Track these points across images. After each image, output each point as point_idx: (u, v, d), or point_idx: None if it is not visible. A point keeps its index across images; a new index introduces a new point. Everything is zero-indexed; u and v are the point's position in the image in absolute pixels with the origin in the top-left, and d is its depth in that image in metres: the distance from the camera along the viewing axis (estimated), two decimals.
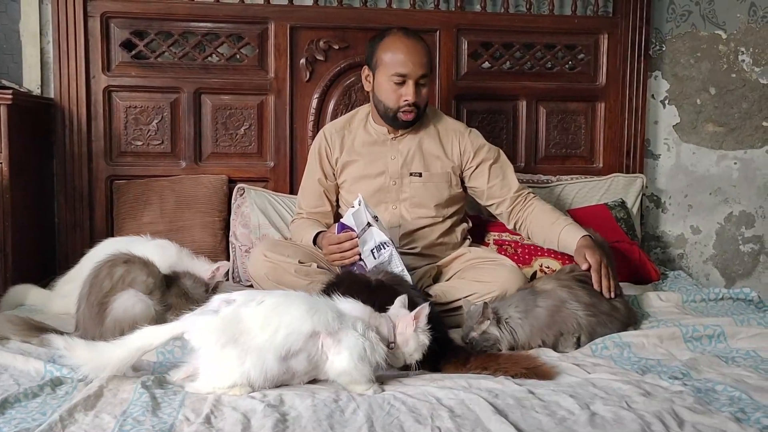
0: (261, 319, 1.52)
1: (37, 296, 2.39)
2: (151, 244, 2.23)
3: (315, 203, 2.53)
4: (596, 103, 3.19)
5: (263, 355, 1.50)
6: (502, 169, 2.48)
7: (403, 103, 2.33)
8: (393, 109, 2.36)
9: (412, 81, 2.31)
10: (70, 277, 2.35)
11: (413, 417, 1.40)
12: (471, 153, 2.46)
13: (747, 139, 3.36)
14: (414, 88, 2.32)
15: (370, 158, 2.46)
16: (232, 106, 2.97)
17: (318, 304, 1.58)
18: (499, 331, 1.88)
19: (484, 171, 2.46)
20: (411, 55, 2.31)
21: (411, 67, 2.30)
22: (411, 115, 2.36)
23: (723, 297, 2.33)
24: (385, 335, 1.60)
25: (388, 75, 2.33)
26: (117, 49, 2.89)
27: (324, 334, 1.53)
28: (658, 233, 3.37)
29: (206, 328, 1.52)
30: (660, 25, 3.26)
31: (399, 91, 2.33)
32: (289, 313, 1.53)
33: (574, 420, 1.39)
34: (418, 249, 2.42)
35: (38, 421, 1.37)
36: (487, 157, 2.46)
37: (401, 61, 2.31)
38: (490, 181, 2.45)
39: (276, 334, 1.50)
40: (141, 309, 1.83)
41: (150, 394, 1.48)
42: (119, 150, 2.92)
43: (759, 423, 1.37)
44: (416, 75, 2.31)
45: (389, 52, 2.34)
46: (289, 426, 1.36)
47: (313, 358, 1.55)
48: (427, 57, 2.36)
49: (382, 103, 2.38)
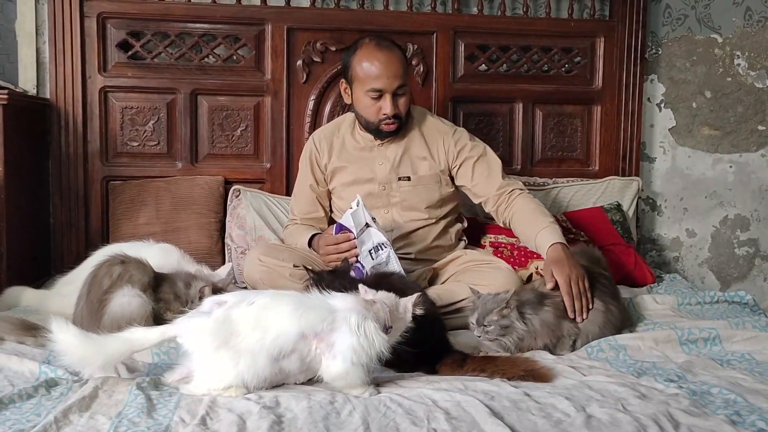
0: (252, 320, 1.51)
1: (33, 297, 2.38)
2: (155, 248, 2.24)
3: (308, 209, 2.53)
4: (592, 106, 3.19)
5: (255, 357, 1.50)
6: (489, 166, 2.43)
7: (383, 117, 2.33)
8: (374, 123, 2.36)
9: (389, 95, 2.30)
10: (70, 278, 2.34)
11: (409, 419, 1.40)
12: (455, 152, 2.44)
13: (742, 143, 3.37)
14: (392, 100, 2.30)
15: (358, 164, 2.45)
16: (229, 108, 2.97)
17: (307, 304, 1.57)
18: (519, 322, 1.86)
19: (468, 169, 2.44)
20: (386, 69, 2.28)
21: (386, 81, 2.28)
22: (393, 126, 2.35)
23: (718, 300, 2.33)
24: (382, 320, 1.58)
25: (364, 90, 2.31)
26: (113, 49, 2.89)
27: (313, 337, 1.53)
28: (654, 236, 3.38)
29: (199, 331, 1.51)
30: (656, 29, 3.26)
31: (377, 105, 2.32)
32: (277, 314, 1.53)
33: (569, 422, 1.39)
34: (412, 255, 2.41)
35: (33, 423, 1.37)
36: (470, 155, 2.43)
37: (376, 76, 2.28)
38: (474, 179, 2.43)
39: (266, 335, 1.50)
40: (137, 305, 1.85)
41: (145, 396, 1.48)
42: (115, 151, 2.92)
43: (754, 426, 1.37)
44: (392, 88, 2.29)
45: (364, 65, 2.31)
46: (284, 427, 1.36)
47: (306, 358, 1.54)
48: (402, 66, 2.32)
49: (363, 117, 2.38)
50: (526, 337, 1.88)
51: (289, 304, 1.55)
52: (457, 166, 2.45)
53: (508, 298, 1.87)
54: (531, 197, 2.37)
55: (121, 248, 2.20)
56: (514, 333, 1.87)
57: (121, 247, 2.23)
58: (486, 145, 2.50)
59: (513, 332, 1.87)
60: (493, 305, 1.87)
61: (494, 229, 2.72)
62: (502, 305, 1.86)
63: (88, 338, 1.53)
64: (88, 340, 1.53)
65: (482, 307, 1.89)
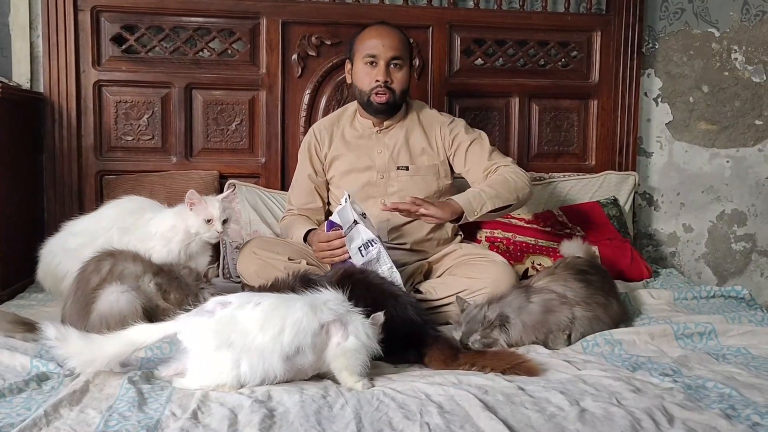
0: (260, 320, 1.51)
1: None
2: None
3: (305, 200, 2.53)
4: (589, 100, 3.18)
5: (265, 357, 1.49)
6: (480, 148, 2.43)
7: (375, 84, 2.35)
8: (366, 92, 2.39)
9: (383, 62, 2.35)
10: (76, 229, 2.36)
11: (402, 413, 1.39)
12: (450, 140, 2.46)
13: (739, 138, 3.37)
14: (385, 68, 2.35)
15: (357, 152, 2.47)
16: (224, 102, 2.95)
17: (319, 299, 1.59)
18: (503, 336, 1.87)
19: (461, 155, 2.45)
20: (381, 38, 2.36)
21: (381, 49, 2.35)
22: (383, 97, 2.37)
23: (714, 295, 2.33)
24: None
25: (360, 58, 2.38)
26: (107, 43, 2.87)
27: (331, 322, 1.55)
28: (651, 231, 3.37)
29: (200, 330, 1.51)
30: (653, 23, 3.25)
31: (371, 73, 2.37)
32: (293, 314, 1.53)
33: (563, 416, 1.39)
34: (407, 245, 2.41)
35: (23, 416, 1.36)
36: (463, 141, 2.45)
37: (372, 44, 2.37)
38: (467, 164, 2.44)
39: (281, 335, 1.50)
40: (126, 302, 1.80)
41: (137, 390, 1.47)
42: (109, 145, 2.90)
43: (749, 420, 1.37)
44: (386, 56, 2.35)
45: (363, 39, 2.41)
46: (276, 421, 1.35)
47: (320, 349, 1.55)
48: (400, 42, 2.39)
49: (357, 88, 2.42)
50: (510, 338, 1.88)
51: (300, 302, 1.56)
52: (452, 154, 2.47)
53: (492, 319, 1.86)
54: (512, 170, 2.34)
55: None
56: (497, 345, 1.87)
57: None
58: (482, 131, 2.51)
59: (496, 344, 1.87)
60: (476, 326, 1.87)
61: (489, 223, 2.71)
62: (486, 325, 1.86)
63: (89, 339, 1.53)
64: (89, 342, 1.52)
65: (465, 326, 1.89)
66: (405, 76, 2.41)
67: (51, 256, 2.32)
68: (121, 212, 2.30)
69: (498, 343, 1.87)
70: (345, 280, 1.78)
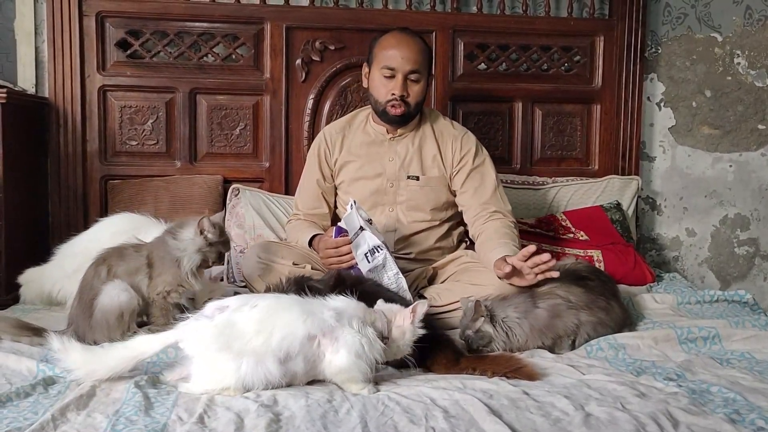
0: (255, 323, 1.51)
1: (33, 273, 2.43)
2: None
3: (312, 204, 2.52)
4: (592, 105, 3.19)
5: (261, 359, 1.49)
6: (482, 178, 2.41)
7: (391, 97, 2.33)
8: (382, 103, 2.35)
9: (400, 75, 2.31)
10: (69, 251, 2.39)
11: (407, 417, 1.39)
12: (459, 156, 2.43)
13: (742, 142, 3.37)
14: (402, 82, 2.31)
15: (367, 159, 2.44)
16: (228, 107, 2.96)
17: (312, 306, 1.57)
18: (493, 330, 1.87)
19: (462, 175, 2.42)
20: (401, 50, 2.31)
21: (400, 61, 2.31)
22: (399, 110, 2.34)
23: (718, 299, 2.34)
24: (379, 330, 1.59)
25: (378, 68, 2.34)
26: (112, 48, 2.89)
27: (320, 335, 1.53)
28: (654, 235, 3.37)
29: (201, 335, 1.51)
30: (656, 28, 3.26)
31: (388, 85, 2.33)
32: (283, 317, 1.52)
33: (568, 421, 1.39)
34: (413, 254, 2.41)
35: (30, 421, 1.36)
36: (469, 162, 2.42)
37: (391, 55, 2.32)
38: (464, 186, 2.41)
39: (271, 337, 1.49)
40: (125, 299, 1.87)
41: (143, 394, 1.47)
42: (114, 150, 2.91)
43: (753, 424, 1.37)
44: (405, 69, 2.31)
45: (383, 46, 2.35)
46: (282, 426, 1.35)
47: (311, 359, 1.54)
48: (419, 54, 2.34)
49: (373, 97, 2.39)
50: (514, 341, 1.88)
51: (294, 307, 1.55)
52: (455, 171, 2.44)
53: (474, 308, 1.87)
54: (509, 222, 2.32)
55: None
56: (493, 343, 1.87)
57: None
58: (488, 156, 2.47)
59: (493, 341, 1.87)
60: (467, 318, 1.89)
61: None
62: (473, 316, 1.87)
63: (91, 352, 1.54)
64: (91, 354, 1.53)
65: (461, 321, 1.91)
66: (422, 89, 2.37)
67: (51, 284, 2.35)
68: (114, 235, 2.22)
69: (492, 339, 1.86)
70: (339, 286, 1.78)
